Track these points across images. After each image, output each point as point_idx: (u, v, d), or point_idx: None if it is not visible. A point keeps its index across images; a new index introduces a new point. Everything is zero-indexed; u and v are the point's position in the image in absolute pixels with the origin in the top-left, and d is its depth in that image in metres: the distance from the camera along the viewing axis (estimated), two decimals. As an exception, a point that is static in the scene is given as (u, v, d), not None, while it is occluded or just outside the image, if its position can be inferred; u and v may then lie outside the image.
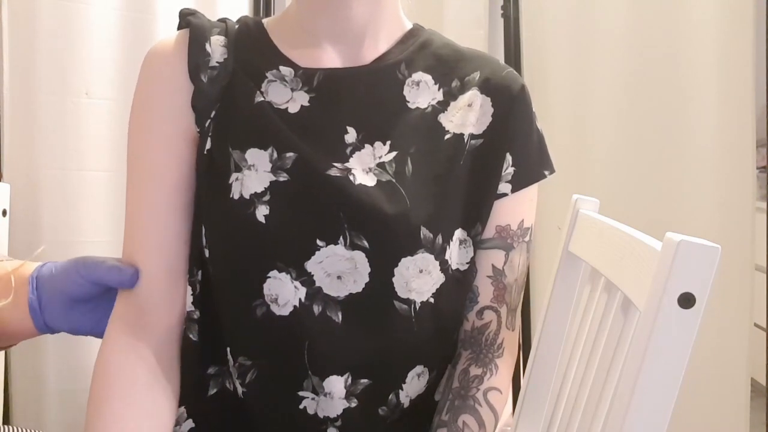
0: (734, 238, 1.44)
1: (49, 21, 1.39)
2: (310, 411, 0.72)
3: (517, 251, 0.77)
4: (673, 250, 0.49)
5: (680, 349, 0.50)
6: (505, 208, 0.77)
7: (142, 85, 0.76)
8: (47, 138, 1.40)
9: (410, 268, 0.70)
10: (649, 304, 0.51)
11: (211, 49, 0.75)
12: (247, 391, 0.73)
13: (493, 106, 0.76)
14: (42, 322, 0.73)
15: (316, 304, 0.70)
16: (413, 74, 0.76)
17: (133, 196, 0.75)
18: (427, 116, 0.75)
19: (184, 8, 0.78)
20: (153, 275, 0.73)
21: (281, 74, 0.74)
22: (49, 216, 1.41)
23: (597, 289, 0.70)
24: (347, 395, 0.71)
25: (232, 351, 0.74)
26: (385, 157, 0.73)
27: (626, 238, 0.62)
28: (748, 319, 1.46)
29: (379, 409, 0.73)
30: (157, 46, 0.76)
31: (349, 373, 0.71)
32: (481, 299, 0.77)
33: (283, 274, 0.70)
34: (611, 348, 0.62)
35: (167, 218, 0.73)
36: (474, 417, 0.72)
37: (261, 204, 0.70)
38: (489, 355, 0.75)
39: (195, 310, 0.74)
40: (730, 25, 1.44)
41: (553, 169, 0.80)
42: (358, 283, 0.70)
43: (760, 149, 2.24)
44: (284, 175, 0.71)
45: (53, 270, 0.75)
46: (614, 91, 1.55)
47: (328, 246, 0.70)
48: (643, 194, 1.52)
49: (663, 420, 0.51)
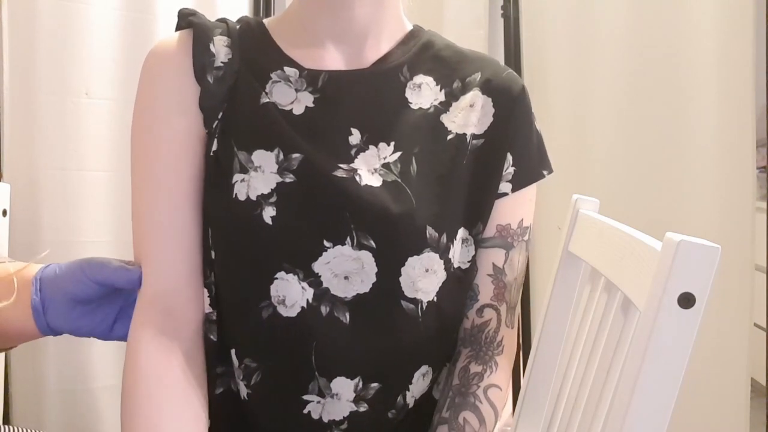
0: (734, 238, 1.44)
1: (49, 21, 1.39)
2: (315, 415, 0.71)
3: (516, 250, 0.78)
4: (673, 250, 0.49)
5: (680, 349, 0.50)
6: (506, 208, 0.77)
7: (145, 87, 0.74)
8: (47, 138, 1.40)
9: (417, 268, 0.70)
10: (649, 304, 0.51)
11: (216, 50, 0.74)
12: (251, 393, 0.73)
13: (494, 107, 0.77)
14: (44, 323, 0.73)
15: (324, 304, 0.70)
16: (415, 77, 0.77)
17: (146, 198, 0.73)
18: (429, 116, 0.76)
19: (183, 8, 0.77)
20: (177, 276, 0.71)
21: (286, 75, 0.74)
22: (49, 216, 1.41)
23: (597, 289, 0.70)
24: (357, 399, 0.71)
25: (238, 352, 0.73)
26: (390, 157, 0.73)
27: (626, 238, 0.62)
28: (748, 319, 1.46)
29: (389, 413, 0.73)
30: (159, 46, 0.75)
31: (360, 378, 0.71)
32: (482, 297, 0.77)
33: (291, 275, 0.70)
34: (611, 348, 0.62)
35: (184, 219, 0.72)
36: (474, 414, 0.72)
37: (268, 205, 0.70)
38: (489, 352, 0.75)
39: (213, 311, 0.73)
40: (730, 25, 1.44)
41: (551, 170, 0.80)
42: (365, 284, 0.70)
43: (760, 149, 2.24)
44: (290, 177, 0.71)
45: (57, 271, 0.74)
46: (614, 91, 1.55)
47: (335, 246, 0.70)
48: (643, 194, 1.52)
49: (663, 420, 0.51)
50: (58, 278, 0.74)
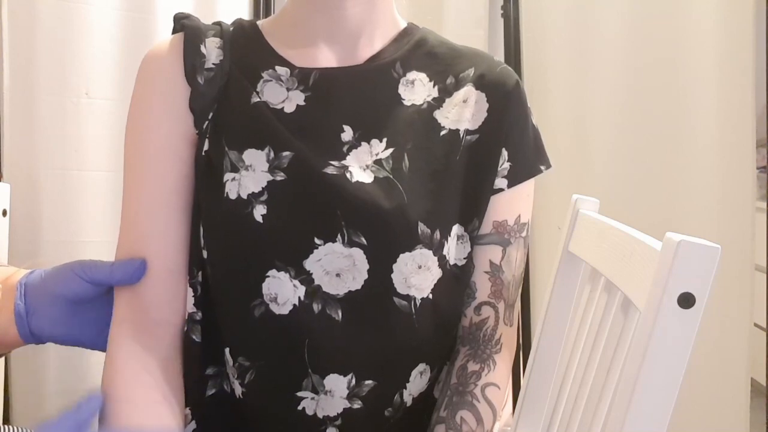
0: (734, 238, 1.44)
1: (49, 21, 1.39)
2: (309, 411, 0.71)
3: (514, 247, 0.77)
4: (673, 249, 0.49)
5: (680, 349, 0.50)
6: (502, 204, 0.77)
7: (138, 88, 0.76)
8: (47, 138, 1.40)
9: (409, 264, 0.70)
10: (649, 304, 0.51)
11: (207, 51, 0.75)
12: (245, 391, 0.73)
13: (488, 102, 0.77)
14: (27, 329, 0.72)
15: (316, 302, 0.70)
16: (408, 73, 0.77)
17: (131, 198, 0.74)
18: (422, 112, 0.76)
19: (178, 13, 0.79)
20: (155, 275, 0.72)
21: (277, 74, 0.75)
22: (49, 216, 1.41)
23: (597, 289, 0.70)
24: (350, 396, 0.71)
25: (231, 352, 0.74)
26: (382, 153, 0.73)
27: (626, 238, 0.62)
28: (748, 319, 1.46)
29: (386, 411, 0.73)
30: (153, 49, 0.77)
31: (353, 374, 0.71)
32: (479, 295, 0.77)
33: (282, 273, 0.70)
34: (611, 348, 0.62)
35: (167, 219, 0.73)
36: (472, 412, 0.72)
37: (258, 204, 0.70)
38: (487, 351, 0.75)
39: (197, 311, 0.74)
40: (730, 25, 1.44)
41: (549, 164, 0.80)
42: (357, 281, 0.70)
43: (760, 149, 2.24)
44: (281, 175, 0.71)
45: (43, 275, 0.73)
46: (614, 91, 1.55)
47: (326, 244, 0.70)
48: (643, 194, 1.52)
49: (663, 420, 0.51)
50: (44, 282, 0.73)
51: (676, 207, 1.50)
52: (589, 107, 1.57)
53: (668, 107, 1.51)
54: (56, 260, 0.77)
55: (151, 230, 0.73)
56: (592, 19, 1.56)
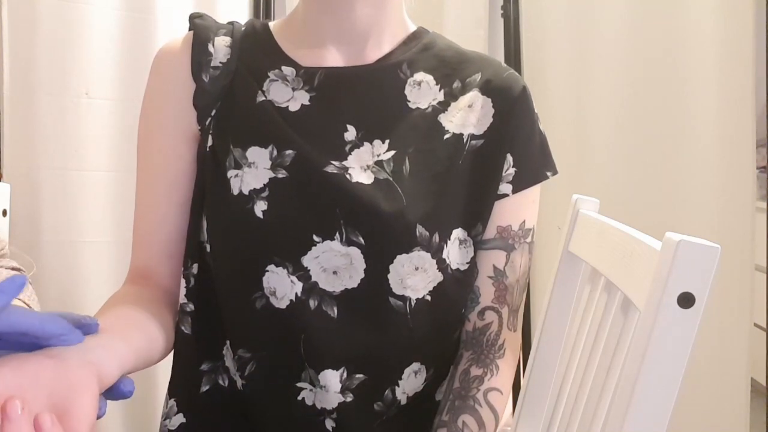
0: (734, 238, 1.44)
1: (49, 21, 1.39)
2: (308, 402, 0.72)
3: (518, 252, 0.77)
4: (672, 249, 0.49)
5: (680, 349, 0.50)
6: (506, 209, 0.77)
7: (150, 84, 0.79)
8: (47, 138, 1.40)
9: (405, 266, 0.70)
10: (649, 304, 0.51)
11: (215, 49, 0.77)
12: (246, 383, 0.74)
13: (494, 107, 0.77)
14: None
15: (312, 298, 0.71)
16: (415, 74, 0.77)
17: (138, 190, 0.79)
18: (427, 116, 0.76)
19: (193, 12, 0.81)
20: (155, 256, 0.77)
21: (283, 74, 0.76)
22: (49, 216, 1.41)
23: (597, 289, 0.70)
24: (342, 389, 0.72)
25: (232, 343, 0.74)
26: (384, 155, 0.73)
27: (626, 238, 0.62)
28: (748, 319, 1.46)
29: (375, 405, 0.74)
30: (166, 45, 0.79)
31: (345, 368, 0.72)
32: (483, 300, 0.77)
33: (280, 268, 0.71)
34: (611, 348, 0.62)
35: (166, 211, 0.77)
36: (474, 417, 0.72)
37: (259, 200, 0.71)
38: (490, 355, 0.75)
39: (188, 302, 0.76)
40: (730, 25, 1.44)
41: (555, 171, 0.80)
42: (353, 279, 0.71)
43: (760, 149, 2.23)
44: (283, 172, 0.72)
45: None
46: (614, 91, 1.55)
47: (324, 242, 0.70)
48: (643, 194, 1.52)
49: (663, 420, 0.51)
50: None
51: (676, 207, 1.50)
52: (589, 107, 1.57)
53: (668, 107, 1.51)
54: (56, 260, 0.77)
55: (151, 220, 0.78)
56: (592, 19, 1.57)
